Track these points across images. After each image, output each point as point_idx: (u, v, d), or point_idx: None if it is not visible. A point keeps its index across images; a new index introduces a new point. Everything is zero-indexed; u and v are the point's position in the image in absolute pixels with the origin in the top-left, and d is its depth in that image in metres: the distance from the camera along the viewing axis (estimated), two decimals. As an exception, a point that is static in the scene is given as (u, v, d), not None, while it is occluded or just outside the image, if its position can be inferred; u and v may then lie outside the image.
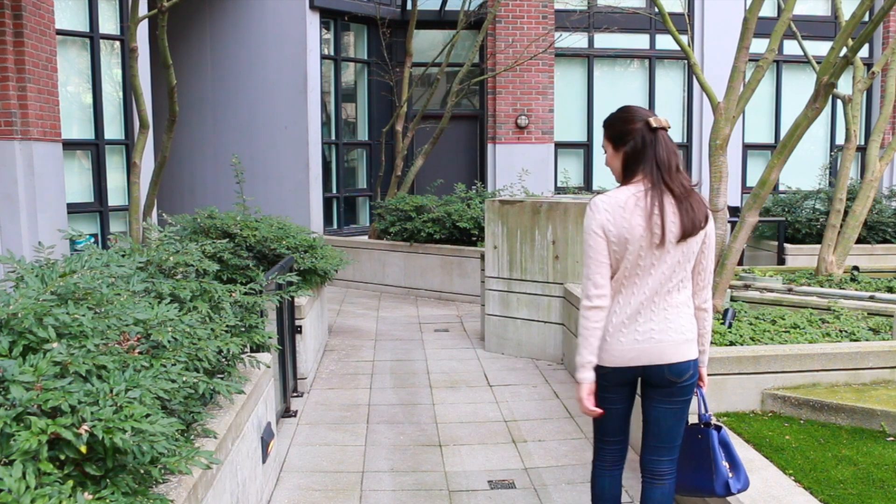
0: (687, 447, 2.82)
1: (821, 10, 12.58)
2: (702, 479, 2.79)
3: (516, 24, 11.39)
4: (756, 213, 5.24)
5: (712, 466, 2.76)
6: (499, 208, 6.73)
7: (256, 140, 11.67)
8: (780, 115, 12.51)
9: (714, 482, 2.76)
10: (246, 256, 5.58)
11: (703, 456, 2.79)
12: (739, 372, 4.03)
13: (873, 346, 4.27)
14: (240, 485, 3.12)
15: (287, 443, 4.62)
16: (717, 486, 2.76)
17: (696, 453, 2.81)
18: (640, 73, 12.20)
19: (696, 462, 2.81)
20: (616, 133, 2.72)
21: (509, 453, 4.47)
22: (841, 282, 6.48)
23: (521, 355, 6.70)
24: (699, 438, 2.80)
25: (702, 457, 2.79)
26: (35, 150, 6.89)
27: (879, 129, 7.12)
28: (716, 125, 5.59)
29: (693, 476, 2.82)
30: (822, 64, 5.00)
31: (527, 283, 6.60)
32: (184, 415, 2.60)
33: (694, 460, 2.81)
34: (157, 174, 6.65)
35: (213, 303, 3.26)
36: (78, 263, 2.52)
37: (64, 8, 7.85)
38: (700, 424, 2.81)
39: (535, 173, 11.34)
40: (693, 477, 2.82)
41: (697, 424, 2.82)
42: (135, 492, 1.94)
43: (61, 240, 4.31)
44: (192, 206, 8.69)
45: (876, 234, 9.87)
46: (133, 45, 6.34)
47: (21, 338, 2.05)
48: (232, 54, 11.98)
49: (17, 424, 1.77)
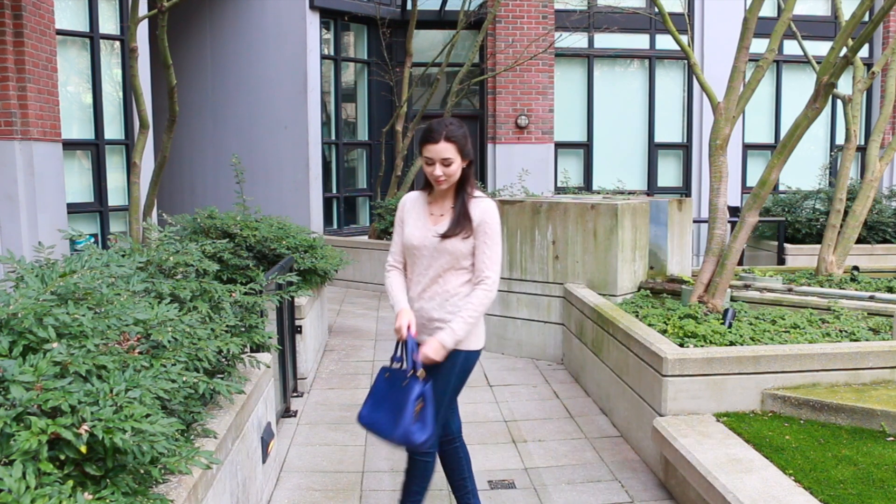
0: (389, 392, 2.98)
1: (821, 10, 12.58)
2: (388, 423, 2.93)
3: (516, 24, 11.38)
4: (756, 213, 5.23)
5: (402, 413, 2.88)
6: (499, 208, 6.72)
7: (256, 140, 11.67)
8: (780, 115, 12.51)
9: (395, 429, 2.89)
10: (246, 256, 5.57)
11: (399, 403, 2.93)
12: (739, 372, 4.03)
13: (873, 346, 4.26)
14: (240, 485, 3.12)
15: (287, 443, 4.62)
16: (396, 433, 2.89)
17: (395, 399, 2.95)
18: (640, 73, 12.20)
19: (390, 406, 2.95)
20: (469, 148, 3.08)
21: (509, 453, 4.47)
22: (841, 282, 6.48)
23: (521, 355, 6.70)
24: (402, 386, 2.94)
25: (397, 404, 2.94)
26: (35, 150, 6.89)
27: (879, 129, 7.12)
28: (716, 125, 5.59)
29: (383, 418, 2.96)
30: (822, 64, 5.00)
31: (527, 283, 6.60)
32: (184, 415, 2.60)
33: (389, 404, 2.96)
34: (157, 174, 6.65)
35: (213, 303, 3.26)
36: (78, 263, 2.52)
37: (64, 8, 7.85)
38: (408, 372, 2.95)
39: (535, 173, 11.34)
40: (382, 419, 2.96)
41: (405, 371, 2.96)
42: (135, 492, 1.94)
43: (61, 240, 4.31)
44: (192, 206, 8.69)
45: (876, 234, 9.87)
46: (133, 45, 6.34)
47: (21, 338, 2.05)
48: (232, 54, 11.97)
49: (17, 424, 1.77)
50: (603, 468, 4.24)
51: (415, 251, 3.13)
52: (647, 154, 12.23)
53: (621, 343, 4.70)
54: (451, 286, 3.09)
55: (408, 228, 3.16)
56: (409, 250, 3.16)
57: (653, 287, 6.17)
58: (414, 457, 3.17)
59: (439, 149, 2.99)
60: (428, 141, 3.01)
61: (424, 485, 3.22)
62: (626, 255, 6.14)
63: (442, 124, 3.02)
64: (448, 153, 3.00)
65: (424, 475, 3.20)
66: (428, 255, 3.10)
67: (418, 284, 3.15)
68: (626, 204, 6.17)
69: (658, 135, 12.21)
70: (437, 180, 3.04)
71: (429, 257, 3.10)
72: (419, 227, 3.13)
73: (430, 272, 3.11)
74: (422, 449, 2.98)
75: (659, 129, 12.19)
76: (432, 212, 3.15)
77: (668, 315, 5.12)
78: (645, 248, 6.42)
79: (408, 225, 3.17)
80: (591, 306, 5.42)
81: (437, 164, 3.01)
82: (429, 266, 3.11)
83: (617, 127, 12.12)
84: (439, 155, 3.00)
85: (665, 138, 12.26)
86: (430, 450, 3.15)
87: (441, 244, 3.06)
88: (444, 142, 2.99)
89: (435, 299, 3.10)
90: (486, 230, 3.05)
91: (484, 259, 3.06)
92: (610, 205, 6.10)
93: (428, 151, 3.02)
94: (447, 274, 3.09)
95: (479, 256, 3.07)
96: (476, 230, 3.06)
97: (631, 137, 12.21)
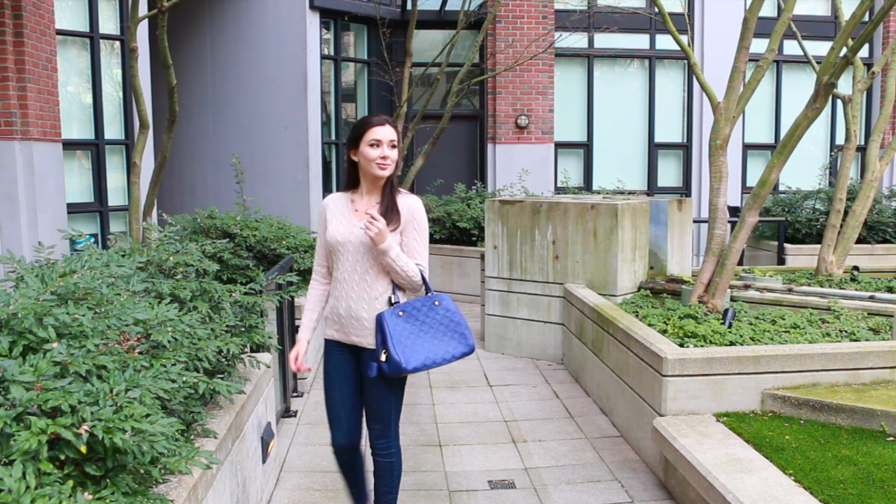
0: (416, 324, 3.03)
1: (821, 10, 12.58)
2: (444, 346, 3.03)
3: (516, 24, 11.38)
4: (756, 213, 5.23)
5: (455, 326, 3.06)
6: (499, 208, 6.73)
7: (256, 140, 11.66)
8: (780, 115, 12.50)
9: (460, 343, 3.05)
10: (246, 256, 5.58)
11: (440, 322, 3.06)
12: (739, 372, 4.03)
13: (873, 346, 4.26)
14: (240, 485, 3.12)
15: (287, 443, 4.62)
16: (467, 343, 3.08)
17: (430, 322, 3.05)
18: (640, 73, 12.20)
19: (431, 332, 3.03)
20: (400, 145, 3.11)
21: (509, 453, 4.47)
22: (841, 282, 6.48)
23: (521, 355, 6.70)
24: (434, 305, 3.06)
25: (437, 324, 3.05)
26: (35, 150, 6.89)
27: (879, 129, 7.12)
28: (716, 125, 5.59)
29: (434, 346, 3.02)
30: (822, 64, 5.00)
31: (527, 283, 6.60)
32: (184, 415, 2.60)
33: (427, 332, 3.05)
34: (157, 174, 6.65)
35: (213, 303, 3.26)
36: (78, 263, 2.52)
37: (64, 8, 7.85)
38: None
39: (535, 173, 11.34)
40: (434, 347, 3.02)
41: (417, 304, 3.05)
42: (135, 492, 1.94)
43: (61, 240, 4.31)
44: (192, 206, 8.69)
45: (876, 234, 9.87)
46: (133, 45, 6.34)
47: (21, 338, 2.05)
48: (232, 54, 11.97)
49: (17, 424, 1.77)
50: (603, 468, 4.24)
51: (339, 248, 3.08)
52: (647, 154, 12.22)
53: (621, 343, 4.70)
54: (380, 286, 3.04)
55: (332, 227, 3.11)
56: (334, 249, 3.09)
57: (653, 287, 6.17)
58: (375, 458, 3.18)
59: (387, 130, 3.03)
60: (374, 125, 3.02)
61: (394, 483, 3.23)
62: (626, 255, 6.14)
63: (381, 114, 3.06)
64: (394, 136, 3.05)
65: (391, 474, 3.21)
66: (354, 251, 3.05)
67: (345, 284, 3.08)
68: (626, 204, 6.16)
69: (658, 135, 12.20)
70: (383, 164, 3.03)
71: (354, 253, 3.05)
72: (343, 224, 3.10)
73: (357, 269, 3.05)
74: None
75: (659, 129, 12.19)
76: (357, 208, 3.13)
77: (668, 315, 5.12)
78: (645, 248, 6.42)
79: (331, 224, 3.12)
80: (591, 306, 5.42)
81: (385, 146, 3.02)
82: (356, 263, 3.05)
83: (617, 127, 12.12)
84: (387, 136, 3.02)
85: (665, 138, 12.25)
86: (390, 449, 3.17)
87: (367, 237, 2.99)
88: (388, 125, 3.04)
89: (364, 298, 3.04)
90: (415, 226, 3.08)
91: (416, 247, 3.08)
92: (610, 205, 6.10)
93: (375, 133, 3.01)
94: (374, 272, 3.04)
95: (411, 245, 3.07)
96: (405, 225, 3.07)
97: (631, 137, 12.20)
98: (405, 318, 2.98)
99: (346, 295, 3.08)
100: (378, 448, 3.17)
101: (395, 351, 2.91)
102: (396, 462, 3.21)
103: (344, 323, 3.09)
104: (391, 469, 3.20)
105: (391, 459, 3.18)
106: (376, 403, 3.11)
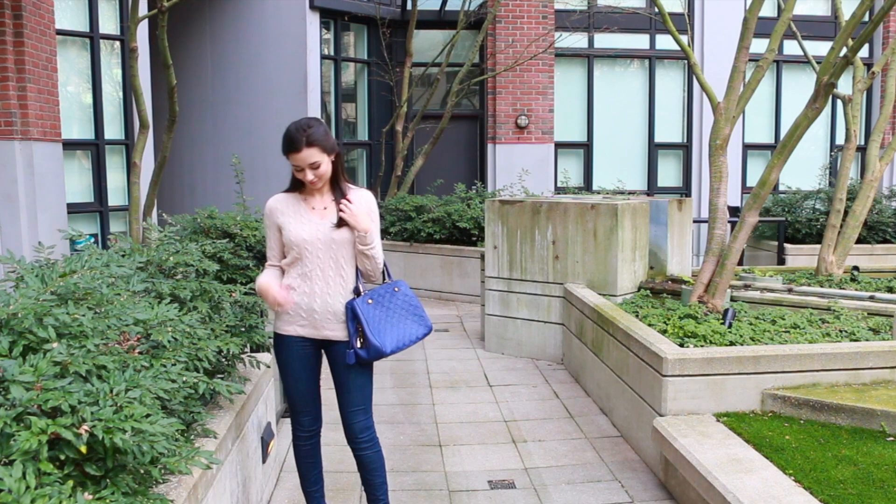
0: (383, 310, 3.17)
1: (821, 10, 12.58)
2: (408, 327, 3.18)
3: (516, 24, 11.38)
4: (756, 213, 5.24)
5: (412, 310, 3.21)
6: (499, 208, 6.73)
7: (256, 140, 11.66)
8: (780, 115, 12.50)
9: (419, 325, 3.20)
10: (246, 256, 5.57)
11: (400, 307, 3.21)
12: (739, 372, 4.03)
13: (873, 346, 4.26)
14: (240, 485, 3.12)
15: (287, 443, 4.62)
16: (424, 325, 3.24)
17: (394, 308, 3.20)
18: (640, 73, 12.20)
19: (396, 316, 3.16)
20: (332, 142, 3.09)
21: (509, 453, 4.47)
22: (841, 282, 6.48)
23: (521, 355, 6.70)
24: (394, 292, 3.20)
25: (398, 309, 3.20)
26: (35, 150, 6.89)
27: (879, 129, 7.12)
28: (716, 125, 5.59)
29: (401, 329, 3.17)
30: (822, 64, 5.00)
31: (527, 283, 6.60)
32: (184, 415, 2.60)
33: (392, 316, 3.19)
34: (157, 174, 6.65)
35: (213, 303, 3.26)
36: (78, 263, 2.52)
37: (64, 8, 7.85)
38: None
39: (535, 173, 11.34)
40: (402, 330, 3.17)
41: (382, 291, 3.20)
42: (135, 492, 1.94)
43: (61, 240, 4.31)
44: (192, 206, 8.69)
45: (876, 234, 9.87)
46: (133, 45, 6.34)
47: (21, 338, 2.05)
48: (232, 54, 11.97)
49: (17, 424, 1.77)
50: (603, 468, 4.24)
51: (307, 247, 3.09)
52: (647, 154, 12.22)
53: (621, 343, 4.70)
54: (351, 278, 3.13)
55: (292, 228, 3.11)
56: (299, 248, 3.10)
57: (653, 287, 6.17)
58: (362, 453, 3.23)
59: (303, 156, 3.00)
60: (291, 150, 3.02)
61: (384, 471, 3.28)
62: (626, 255, 6.14)
63: (300, 129, 3.01)
64: (314, 157, 3.01)
65: (381, 463, 3.26)
66: (324, 248, 3.09)
67: (318, 280, 3.10)
68: (626, 204, 6.17)
69: (658, 135, 12.20)
70: (312, 184, 3.07)
71: (325, 249, 3.09)
72: (305, 223, 3.11)
73: (331, 264, 3.10)
74: None
75: (659, 129, 12.19)
76: (313, 206, 3.15)
77: (668, 315, 5.12)
78: (645, 248, 6.42)
79: (290, 225, 3.12)
80: (591, 306, 5.42)
81: (307, 170, 3.04)
82: (328, 259, 3.10)
83: (617, 127, 12.12)
84: (305, 162, 3.01)
85: (665, 138, 12.26)
86: (374, 439, 3.24)
87: (337, 233, 3.08)
88: (306, 148, 2.99)
89: (339, 292, 3.11)
90: (372, 217, 3.15)
91: (374, 236, 3.16)
92: (610, 205, 6.10)
93: (294, 160, 3.03)
94: (348, 265, 3.12)
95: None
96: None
97: (631, 137, 12.21)
98: (374, 305, 3.10)
99: (322, 291, 3.11)
100: (363, 441, 3.22)
101: (373, 336, 3.04)
102: (380, 450, 3.29)
103: (317, 318, 3.12)
104: (379, 458, 3.27)
105: (377, 448, 3.26)
106: (358, 391, 3.18)
